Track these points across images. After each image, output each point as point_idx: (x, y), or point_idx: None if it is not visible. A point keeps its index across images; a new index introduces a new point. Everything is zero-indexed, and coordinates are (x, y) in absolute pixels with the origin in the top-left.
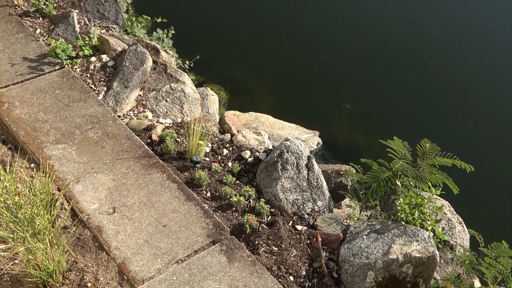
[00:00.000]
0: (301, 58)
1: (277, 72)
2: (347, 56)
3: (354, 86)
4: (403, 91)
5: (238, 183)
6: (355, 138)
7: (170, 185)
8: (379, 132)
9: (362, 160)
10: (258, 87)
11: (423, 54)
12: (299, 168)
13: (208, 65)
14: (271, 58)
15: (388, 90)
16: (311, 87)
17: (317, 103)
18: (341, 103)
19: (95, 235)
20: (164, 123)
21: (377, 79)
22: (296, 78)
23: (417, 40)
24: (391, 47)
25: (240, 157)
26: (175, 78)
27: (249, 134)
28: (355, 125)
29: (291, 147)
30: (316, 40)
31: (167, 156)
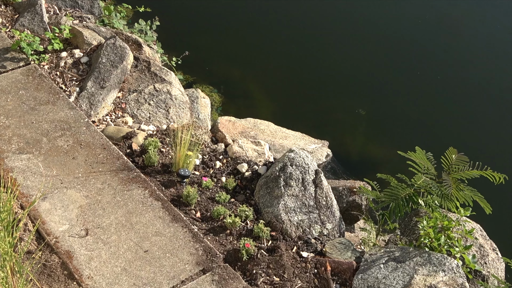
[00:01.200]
0: (306, 56)
1: (279, 72)
2: (361, 54)
3: (369, 88)
4: (426, 94)
5: (233, 202)
6: (371, 150)
7: (153, 203)
8: (398, 143)
9: (379, 175)
10: (257, 89)
11: (448, 53)
12: (305, 185)
13: (198, 62)
14: (272, 55)
15: (409, 94)
16: (319, 90)
17: (326, 108)
18: (355, 109)
19: (65, 261)
20: (147, 130)
21: (396, 81)
22: (301, 78)
23: (441, 37)
24: (411, 44)
25: (235, 171)
26: (160, 77)
27: (247, 144)
28: (371, 134)
29: (295, 159)
30: (324, 35)
31: (150, 169)
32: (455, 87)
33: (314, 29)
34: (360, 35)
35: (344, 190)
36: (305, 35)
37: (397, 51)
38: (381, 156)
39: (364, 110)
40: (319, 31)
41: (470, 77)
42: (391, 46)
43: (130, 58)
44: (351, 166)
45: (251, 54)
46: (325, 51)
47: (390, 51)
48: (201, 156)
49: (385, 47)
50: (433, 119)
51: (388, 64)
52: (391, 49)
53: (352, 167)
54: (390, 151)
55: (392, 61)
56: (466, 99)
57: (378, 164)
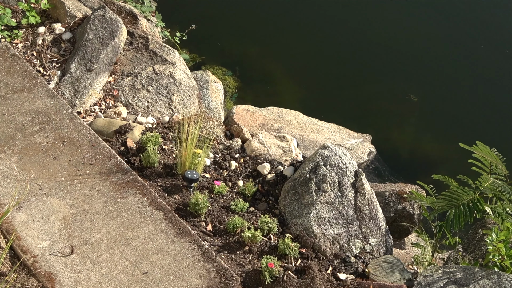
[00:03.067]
0: (343, 28)
1: (308, 49)
2: (413, 24)
3: (422, 68)
4: (492, 73)
5: (253, 211)
6: (424, 145)
7: (154, 214)
8: (459, 136)
9: (435, 176)
10: (281, 70)
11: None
12: (343, 189)
13: (208, 38)
14: (300, 28)
15: (470, 77)
16: (358, 71)
17: (368, 94)
18: (404, 94)
19: (45, 285)
20: (145, 123)
21: (455, 61)
22: (336, 56)
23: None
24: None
25: (255, 173)
26: (161, 57)
27: (269, 139)
28: (424, 125)
29: (330, 158)
30: (368, 6)
31: (149, 171)
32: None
33: (355, 2)
34: (413, 10)
35: (392, 196)
36: (341, 1)
37: (457, 20)
38: (437, 153)
39: (416, 96)
40: (361, 5)
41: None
42: (451, 13)
43: (123, 34)
44: (399, 166)
45: (274, 26)
46: (366, 21)
47: (449, 20)
48: (212, 154)
49: (443, 14)
50: (503, 106)
51: (446, 36)
52: (451, 17)
53: (401, 167)
54: (448, 146)
55: (452, 33)
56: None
57: (434, 163)
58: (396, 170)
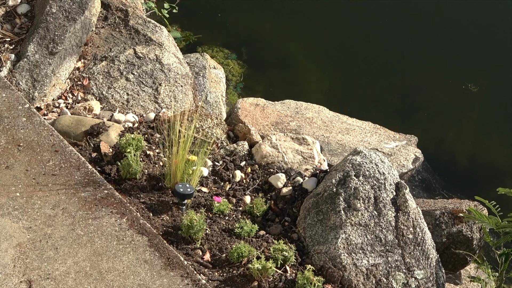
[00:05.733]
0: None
1: (338, 25)
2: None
3: (483, 52)
4: None
5: (264, 236)
6: (487, 149)
7: (135, 239)
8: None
9: (501, 190)
10: (302, 53)
11: None
12: (380, 207)
13: (205, 11)
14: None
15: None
16: (401, 55)
17: (412, 84)
18: (460, 83)
19: None
20: (124, 121)
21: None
22: (371, 36)
23: None
24: None
25: (267, 186)
26: (144, 36)
27: (284, 142)
28: (487, 123)
29: (364, 166)
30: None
31: (130, 183)
32: None
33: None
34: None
35: (444, 216)
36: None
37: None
38: (504, 160)
39: (475, 86)
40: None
41: None
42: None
43: (95, 6)
44: (454, 177)
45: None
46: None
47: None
48: (211, 162)
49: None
50: None
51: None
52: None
53: (457, 178)
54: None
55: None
56: None
57: (500, 173)
58: (450, 182)
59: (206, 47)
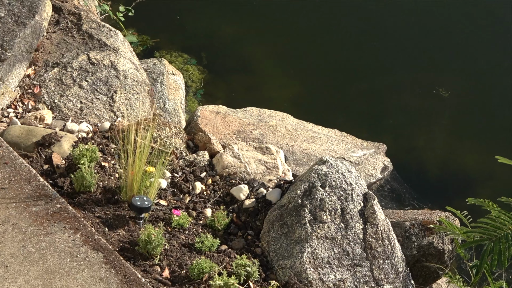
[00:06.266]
0: (351, 4)
1: (304, 29)
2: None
3: (454, 55)
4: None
5: (226, 250)
6: (458, 157)
7: (90, 256)
8: (506, 144)
9: (470, 200)
10: (265, 58)
11: None
12: (347, 219)
13: (163, 13)
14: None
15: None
16: (369, 60)
17: (382, 89)
18: (431, 89)
19: None
20: (77, 131)
21: (499, 45)
22: (340, 40)
23: None
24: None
25: (229, 198)
26: (99, 41)
27: (247, 151)
28: (458, 130)
29: (330, 176)
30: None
31: (84, 197)
32: None
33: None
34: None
35: (414, 227)
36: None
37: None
38: (476, 168)
39: (446, 91)
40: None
41: None
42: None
43: (47, 10)
44: (424, 186)
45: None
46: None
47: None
48: (169, 174)
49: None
50: None
51: (488, 14)
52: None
53: (427, 188)
54: (491, 158)
55: (494, 9)
56: None
57: (472, 182)
58: (421, 192)
59: (164, 51)
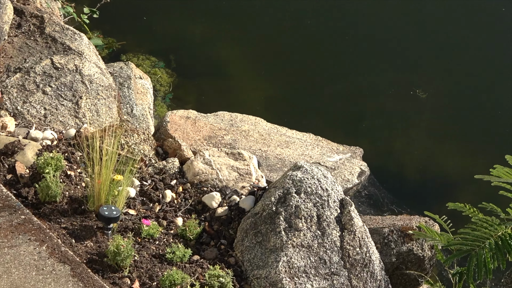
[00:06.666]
0: (327, 4)
1: (277, 30)
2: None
3: (431, 56)
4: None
5: (198, 261)
6: (438, 160)
7: (57, 269)
8: (488, 146)
9: (450, 205)
10: (235, 61)
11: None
12: (324, 226)
13: (129, 14)
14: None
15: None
16: (344, 61)
17: (357, 91)
18: (408, 89)
19: None
20: (42, 139)
21: (478, 44)
22: (314, 42)
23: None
24: None
25: (200, 207)
26: (63, 44)
27: (219, 157)
28: (437, 133)
29: (305, 182)
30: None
31: (49, 207)
32: None
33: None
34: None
35: (393, 234)
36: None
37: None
38: (456, 171)
39: (424, 91)
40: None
41: None
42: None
43: (7, 13)
44: (403, 191)
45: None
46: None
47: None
48: (138, 182)
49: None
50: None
51: (466, 12)
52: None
53: (406, 192)
54: (472, 161)
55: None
56: None
57: (451, 186)
58: (399, 197)
59: (131, 55)
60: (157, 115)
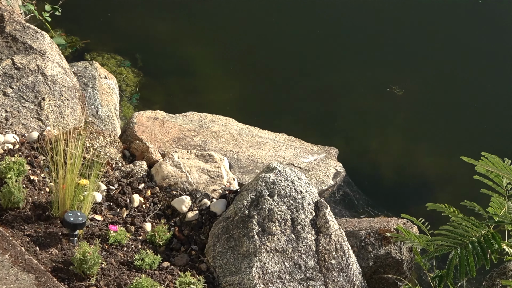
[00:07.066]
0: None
1: (248, 26)
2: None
3: (407, 52)
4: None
5: (168, 267)
6: (415, 159)
7: (20, 278)
8: (466, 145)
9: (430, 206)
10: (204, 59)
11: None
12: (298, 230)
13: (93, 11)
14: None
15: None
16: (317, 58)
17: (332, 89)
18: (384, 86)
19: None
20: (3, 142)
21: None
22: (286, 38)
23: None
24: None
25: (170, 211)
26: (24, 43)
27: (188, 160)
28: (415, 131)
29: (278, 184)
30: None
31: (12, 214)
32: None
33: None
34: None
35: (370, 237)
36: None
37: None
38: (434, 171)
39: (400, 88)
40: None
41: None
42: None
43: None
44: (380, 192)
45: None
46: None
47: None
48: (105, 186)
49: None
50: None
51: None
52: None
53: (383, 194)
54: (448, 161)
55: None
56: None
57: (429, 186)
58: (376, 198)
59: (95, 53)
60: (123, 116)
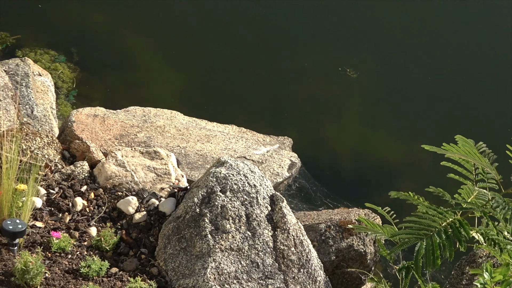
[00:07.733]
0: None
1: (185, 18)
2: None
3: (362, 29)
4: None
5: (117, 273)
6: (374, 146)
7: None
8: (429, 129)
9: (393, 194)
10: (145, 50)
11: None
12: (254, 226)
13: (23, 5)
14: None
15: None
16: (266, 43)
17: (282, 75)
18: (336, 68)
19: None
20: None
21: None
22: (232, 23)
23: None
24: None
25: (116, 213)
26: None
27: (133, 158)
28: (372, 116)
29: (230, 179)
30: None
31: None
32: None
33: None
34: None
35: (330, 230)
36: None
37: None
38: (395, 157)
39: (354, 71)
40: None
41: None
42: None
43: None
44: (338, 182)
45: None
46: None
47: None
48: (44, 190)
49: None
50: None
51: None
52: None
53: (342, 184)
54: (409, 147)
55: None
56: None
57: (391, 173)
58: (334, 189)
59: (27, 49)
60: (60, 115)
